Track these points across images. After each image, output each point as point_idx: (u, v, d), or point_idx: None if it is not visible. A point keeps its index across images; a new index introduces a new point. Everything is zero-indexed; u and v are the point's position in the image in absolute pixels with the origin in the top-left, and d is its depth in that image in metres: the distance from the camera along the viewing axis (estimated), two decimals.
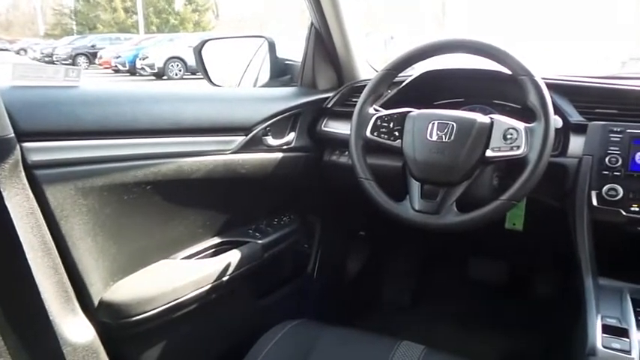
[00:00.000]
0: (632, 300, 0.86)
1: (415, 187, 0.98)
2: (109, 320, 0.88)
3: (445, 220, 0.93)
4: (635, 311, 0.83)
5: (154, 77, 12.93)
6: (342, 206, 1.50)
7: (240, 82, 1.57)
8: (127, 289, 0.92)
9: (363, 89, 1.07)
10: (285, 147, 1.22)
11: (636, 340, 0.76)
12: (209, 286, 1.02)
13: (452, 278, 1.74)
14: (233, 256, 1.08)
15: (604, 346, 0.76)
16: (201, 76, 1.47)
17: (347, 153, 1.24)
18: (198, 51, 1.41)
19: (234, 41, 1.68)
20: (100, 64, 15.53)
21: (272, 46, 1.42)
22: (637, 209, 0.90)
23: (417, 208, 0.96)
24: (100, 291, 0.89)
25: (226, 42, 1.60)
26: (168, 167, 0.96)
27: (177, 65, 12.89)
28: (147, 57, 13.08)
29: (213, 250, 1.12)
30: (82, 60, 16.55)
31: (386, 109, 1.05)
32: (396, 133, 1.00)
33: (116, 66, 14.39)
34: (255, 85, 1.51)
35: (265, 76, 1.44)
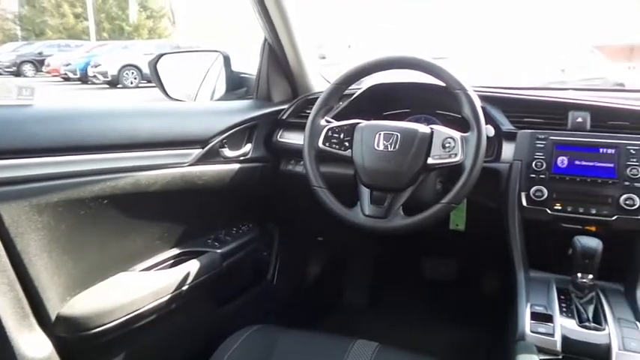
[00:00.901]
0: (557, 289, 0.96)
1: (365, 193, 1.04)
2: (66, 334, 0.89)
3: (393, 224, 1.00)
4: (559, 299, 0.92)
5: (107, 85, 12.55)
6: (300, 214, 1.55)
7: (196, 96, 1.60)
8: (84, 303, 0.93)
9: (315, 101, 1.12)
10: (242, 158, 1.26)
11: (559, 324, 0.85)
12: (169, 296, 1.04)
13: (406, 278, 1.82)
14: (192, 266, 1.11)
15: (532, 331, 0.85)
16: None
17: (302, 163, 1.30)
18: (153, 65, 1.42)
19: (190, 55, 1.70)
20: (48, 72, 14.81)
21: (227, 60, 1.46)
22: (560, 208, 1.00)
23: (367, 213, 1.02)
24: (57, 306, 0.89)
25: (182, 56, 1.62)
26: (125, 181, 0.98)
27: (133, 73, 12.57)
28: (99, 64, 12.66)
29: (172, 261, 1.14)
30: (27, 68, 15.81)
31: (338, 120, 1.11)
32: (347, 144, 1.06)
33: (66, 74, 13.80)
34: (212, 99, 1.54)
35: (221, 89, 1.47)
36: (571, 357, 0.81)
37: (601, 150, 1.01)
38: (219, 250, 1.19)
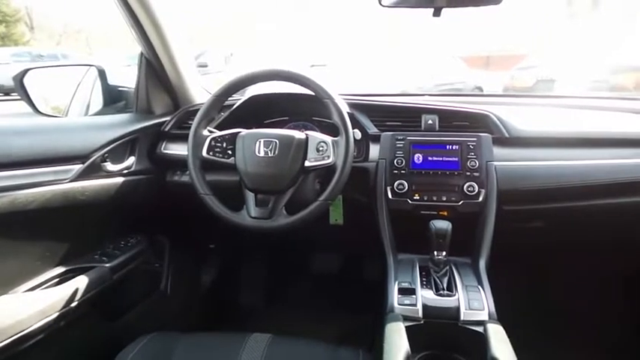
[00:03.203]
0: (420, 267, 1.11)
1: (250, 197, 1.12)
2: None
3: (277, 223, 1.09)
4: (420, 275, 1.08)
5: None
6: (189, 223, 1.58)
7: (67, 111, 1.53)
8: None
9: (197, 113, 1.17)
10: (125, 171, 1.26)
11: (420, 295, 1.01)
12: (57, 314, 1.02)
13: (297, 275, 1.94)
14: (80, 282, 1.10)
15: (399, 304, 0.99)
16: (18, 97, 1.39)
17: (188, 172, 1.33)
18: (19, 80, 1.34)
19: (61, 69, 1.62)
20: None
21: (102, 74, 1.43)
22: (418, 198, 1.19)
23: (252, 215, 1.10)
24: None
25: (51, 70, 1.54)
26: (1, 201, 0.95)
27: None
28: None
29: (59, 278, 1.11)
30: None
31: (221, 129, 1.17)
32: (230, 152, 1.13)
33: None
34: (87, 113, 1.50)
35: (98, 103, 1.44)
36: (431, 321, 0.96)
37: (447, 147, 1.22)
38: (107, 265, 1.18)
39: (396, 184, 1.20)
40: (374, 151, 1.27)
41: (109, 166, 1.20)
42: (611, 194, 1.19)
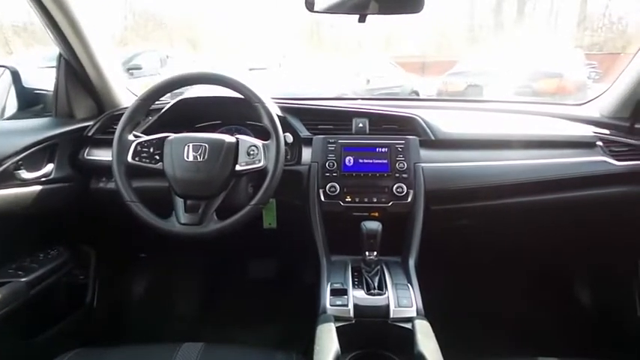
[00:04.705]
0: (352, 268, 1.13)
1: (179, 203, 1.09)
2: None
3: (207, 229, 1.07)
4: (353, 275, 1.10)
5: None
6: (117, 232, 1.50)
7: None
8: None
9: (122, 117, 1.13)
10: (43, 179, 1.19)
11: (351, 295, 1.02)
12: None
13: (234, 282, 1.90)
14: None
15: (331, 305, 1.00)
16: None
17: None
18: None
19: None
20: None
21: (16, 76, 1.34)
22: (350, 200, 1.21)
23: (182, 221, 1.07)
24: None
25: None
26: None
27: None
28: None
29: None
30: None
31: (150, 134, 1.13)
32: (157, 157, 1.10)
33: None
34: (0, 118, 1.39)
35: (12, 107, 1.34)
36: (362, 320, 0.98)
37: (377, 149, 1.25)
38: (23, 279, 1.11)
39: (328, 186, 1.21)
40: (306, 154, 1.28)
41: (24, 174, 1.13)
42: (523, 193, 1.27)
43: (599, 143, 1.32)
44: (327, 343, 0.87)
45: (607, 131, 1.36)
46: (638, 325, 1.45)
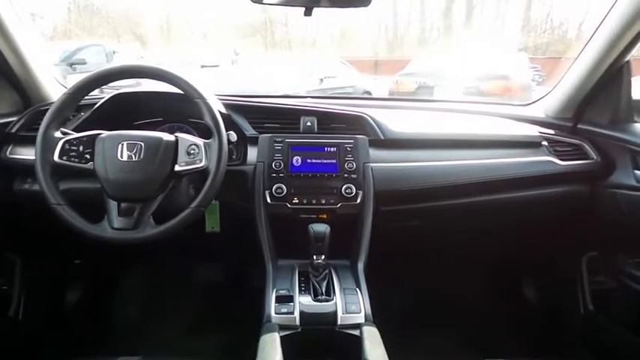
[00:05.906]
0: (299, 272, 1.10)
1: (113, 206, 1.01)
2: None
3: (143, 234, 0.99)
4: (299, 281, 1.06)
5: None
6: (46, 237, 1.38)
7: None
8: None
9: None
10: None
11: (298, 302, 0.99)
12: None
13: (178, 288, 1.80)
14: None
15: (276, 313, 0.96)
16: None
17: None
18: None
19: None
20: None
21: None
22: (297, 201, 1.16)
23: (115, 226, 0.99)
24: None
25: None
26: None
27: None
28: None
29: None
30: None
31: (81, 131, 1.04)
32: (87, 156, 1.01)
33: None
34: None
35: None
36: (308, 328, 0.94)
37: (326, 149, 1.21)
38: None
39: (274, 187, 1.16)
40: (252, 153, 1.22)
41: None
42: (472, 193, 1.28)
43: (545, 143, 1.35)
44: (271, 354, 0.82)
45: (552, 131, 1.40)
46: (581, 323, 1.50)
